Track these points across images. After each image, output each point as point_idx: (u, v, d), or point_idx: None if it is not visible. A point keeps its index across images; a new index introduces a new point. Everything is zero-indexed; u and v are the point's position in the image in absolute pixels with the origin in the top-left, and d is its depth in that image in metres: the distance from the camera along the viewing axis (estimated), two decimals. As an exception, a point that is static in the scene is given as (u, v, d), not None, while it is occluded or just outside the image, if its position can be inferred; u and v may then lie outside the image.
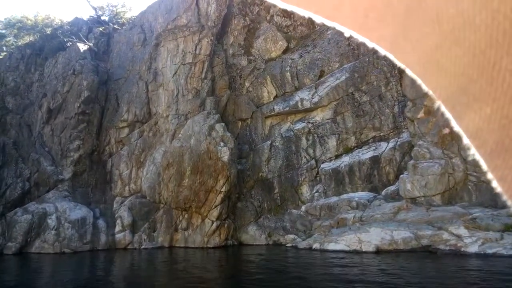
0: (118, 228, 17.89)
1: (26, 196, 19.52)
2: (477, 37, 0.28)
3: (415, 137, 15.82)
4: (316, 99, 19.01)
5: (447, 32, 0.31)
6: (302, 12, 0.36)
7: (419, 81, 0.37)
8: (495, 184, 0.32)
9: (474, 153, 0.34)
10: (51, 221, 17.59)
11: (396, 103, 17.78)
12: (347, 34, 0.38)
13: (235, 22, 22.87)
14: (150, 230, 17.92)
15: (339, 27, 0.36)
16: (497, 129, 0.31)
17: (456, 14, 0.29)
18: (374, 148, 17.33)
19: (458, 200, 14.30)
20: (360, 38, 0.37)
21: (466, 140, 0.34)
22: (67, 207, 18.10)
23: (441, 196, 14.55)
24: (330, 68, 19.71)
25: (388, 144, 17.18)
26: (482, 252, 11.46)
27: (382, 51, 0.37)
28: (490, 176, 0.32)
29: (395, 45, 0.36)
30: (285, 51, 21.68)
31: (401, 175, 15.53)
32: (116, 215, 18.30)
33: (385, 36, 0.35)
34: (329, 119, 18.68)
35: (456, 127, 0.35)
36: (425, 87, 0.36)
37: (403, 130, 17.17)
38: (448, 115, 0.36)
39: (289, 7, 0.36)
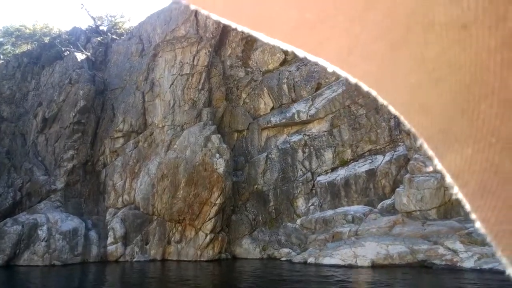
0: (110, 240, 17.58)
1: (17, 206, 19.20)
2: (458, 77, 0.29)
3: (411, 151, 15.80)
4: (312, 111, 19.03)
5: (430, 71, 0.31)
6: (286, 46, 0.37)
7: (401, 118, 0.36)
8: (478, 224, 0.33)
9: (456, 192, 0.34)
10: (42, 232, 17.26)
11: (392, 116, 17.80)
12: (330, 70, 0.37)
13: (233, 34, 23.03)
14: (142, 243, 17.62)
15: (322, 62, 0.36)
16: (478, 171, 0.31)
17: (441, 53, 0.29)
18: (370, 161, 17.28)
19: (454, 215, 14.21)
20: (343, 74, 0.36)
21: (448, 179, 0.34)
22: (59, 218, 17.81)
23: (436, 210, 14.47)
24: (327, 80, 19.80)
25: (384, 157, 17.14)
26: (478, 268, 11.35)
27: (365, 87, 0.36)
28: (473, 216, 0.34)
29: (378, 82, 0.35)
30: (283, 63, 21.79)
31: (397, 189, 15.45)
32: (108, 227, 18.01)
33: (369, 72, 0.35)
34: (325, 131, 18.66)
35: (439, 166, 0.35)
36: (407, 125, 0.36)
37: (399, 144, 17.16)
38: (430, 153, 0.36)
39: (273, 41, 0.37)
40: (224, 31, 22.74)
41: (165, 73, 21.30)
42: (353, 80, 0.36)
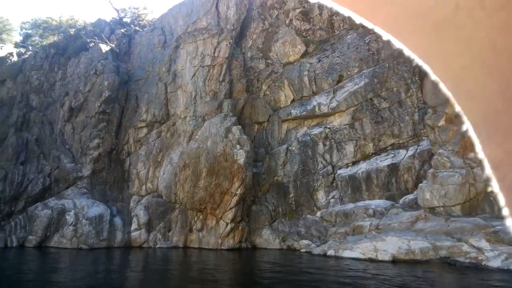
0: (134, 226, 18.14)
1: (46, 191, 20.03)
2: (506, 68, 0.28)
3: (435, 145, 15.49)
4: (334, 104, 18.86)
5: (476, 55, 0.30)
6: (342, 10, 0.37)
7: (452, 99, 0.37)
8: (509, 221, 0.32)
9: (494, 184, 0.34)
10: (70, 217, 17.99)
11: (416, 110, 17.47)
12: (385, 38, 0.39)
13: (254, 25, 22.97)
14: (165, 230, 18.10)
15: (378, 30, 0.37)
16: None
17: (486, 42, 0.29)
18: (393, 155, 17.04)
19: (479, 212, 13.90)
20: (397, 44, 0.37)
21: (488, 170, 0.34)
22: (85, 204, 18.48)
23: (461, 207, 14.18)
24: (349, 73, 19.54)
25: (407, 151, 16.87)
26: (505, 268, 11.07)
27: (418, 60, 0.37)
28: (505, 212, 0.33)
29: (429, 57, 0.36)
30: (304, 55, 21.61)
31: (420, 184, 15.22)
32: (132, 214, 18.57)
33: (419, 46, 0.35)
34: (346, 124, 18.49)
35: (480, 154, 0.35)
36: (457, 107, 0.36)
37: (423, 138, 16.84)
38: (474, 139, 0.35)
39: (331, 4, 0.37)
40: (245, 23, 22.71)
41: (187, 65, 21.53)
42: (406, 52, 0.38)
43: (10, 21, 33.20)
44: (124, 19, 28.54)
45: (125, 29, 26.60)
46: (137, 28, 26.83)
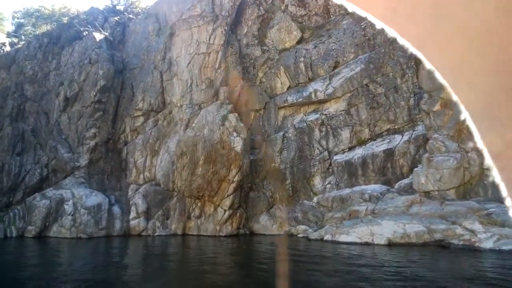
0: (132, 215, 18.29)
1: (44, 182, 20.07)
2: (504, 57, 0.27)
3: (431, 130, 15.58)
4: (330, 90, 18.86)
5: (473, 47, 0.29)
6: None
7: (448, 88, 0.37)
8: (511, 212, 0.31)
9: (495, 175, 0.34)
10: (68, 207, 18.08)
11: (411, 95, 17.50)
12: (378, 27, 0.39)
13: (249, 11, 22.72)
14: (163, 218, 18.26)
15: (371, 18, 0.37)
16: None
17: (483, 31, 0.28)
18: (388, 140, 17.16)
19: (473, 195, 14.10)
20: (391, 32, 0.38)
21: (488, 160, 0.34)
22: (83, 193, 18.55)
23: (455, 191, 14.37)
24: (345, 59, 19.47)
25: (402, 137, 16.98)
26: (497, 249, 11.30)
27: (412, 49, 0.37)
28: (508, 202, 0.31)
29: (423, 45, 0.36)
30: (299, 42, 21.48)
31: (415, 169, 15.37)
32: (130, 202, 18.69)
33: (414, 34, 0.35)
34: (343, 110, 18.53)
35: (480, 144, 0.35)
36: (454, 96, 0.36)
37: (418, 123, 16.93)
38: (473, 129, 0.36)
39: None
40: (240, 9, 22.45)
41: (182, 52, 21.35)
42: (400, 40, 0.38)
43: (2, 10, 32.67)
44: (118, 7, 28.12)
45: (118, 17, 26.24)
46: (131, 15, 26.47)
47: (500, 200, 13.86)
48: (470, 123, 0.35)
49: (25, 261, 12.19)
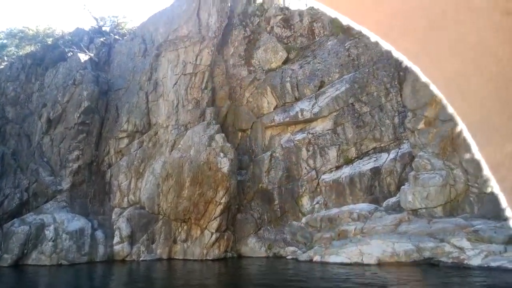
0: (116, 239, 17.69)
1: (24, 206, 19.35)
2: (499, 69, 0.28)
3: (416, 148, 15.77)
4: (316, 109, 19.01)
5: (468, 59, 0.30)
6: (332, 12, 0.37)
7: (444, 100, 0.36)
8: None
9: (494, 185, 0.34)
10: (49, 232, 17.39)
11: (396, 114, 17.78)
12: (373, 39, 0.38)
13: (236, 33, 23.03)
14: (148, 242, 17.71)
15: (367, 32, 0.37)
16: None
17: (477, 43, 0.29)
18: (375, 159, 17.26)
19: (460, 212, 14.18)
20: (386, 46, 0.37)
21: (486, 171, 0.34)
22: (65, 218, 17.93)
23: (442, 208, 14.45)
24: (330, 78, 19.76)
25: (388, 155, 17.12)
26: (485, 265, 11.31)
27: (407, 62, 0.36)
28: (508, 212, 0.33)
29: (418, 58, 0.35)
30: (285, 62, 21.77)
31: (402, 187, 15.43)
32: (114, 227, 18.11)
33: (409, 47, 0.35)
34: (329, 129, 18.65)
35: (477, 155, 0.35)
36: (450, 108, 0.35)
37: (404, 141, 17.13)
38: (470, 141, 0.35)
39: (320, 6, 0.37)
40: (227, 30, 22.74)
41: (168, 73, 21.34)
42: (395, 53, 0.36)
43: (-16, 31, 32.25)
44: (103, 28, 28.14)
45: (104, 38, 26.20)
46: (116, 36, 26.47)
47: (486, 216, 13.96)
48: (467, 135, 0.34)
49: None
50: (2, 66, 26.23)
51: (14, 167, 20.57)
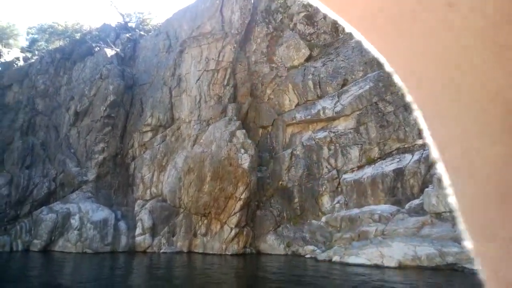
0: (138, 231, 18.14)
1: (51, 195, 20.12)
2: (446, 53, 0.29)
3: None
4: (338, 108, 18.78)
5: (427, 53, 0.31)
6: (314, 2, 0.38)
7: (404, 89, 0.38)
8: (452, 199, 0.35)
9: (439, 166, 0.36)
10: (74, 221, 18.03)
11: (421, 114, 17.34)
12: (347, 29, 0.39)
13: (258, 29, 23.00)
14: (169, 234, 18.06)
15: (343, 24, 0.37)
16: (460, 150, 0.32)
17: (427, 35, 0.30)
18: (398, 160, 16.91)
19: (487, 217, 13.73)
20: (360, 37, 0.38)
21: (434, 153, 0.36)
22: (90, 208, 18.52)
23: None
24: (353, 76, 19.46)
25: (413, 156, 16.73)
26: (513, 274, 10.91)
27: (375, 53, 0.37)
28: (449, 191, 0.35)
29: (384, 51, 0.37)
30: (308, 59, 21.58)
31: (426, 189, 15.06)
32: (137, 218, 18.57)
33: (377, 39, 0.37)
34: (351, 129, 18.39)
35: (428, 139, 0.36)
36: (409, 96, 0.37)
37: (429, 142, 16.68)
38: (422, 126, 0.36)
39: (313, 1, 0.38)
40: (249, 27, 22.74)
41: (192, 69, 21.58)
42: (366, 43, 0.37)
43: (17, 26, 33.61)
44: (129, 24, 28.73)
45: (130, 33, 26.76)
46: (142, 32, 26.99)
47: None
48: (421, 121, 0.36)
49: (29, 275, 12.08)
50: (33, 60, 27.23)
51: (43, 157, 21.40)
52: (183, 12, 23.58)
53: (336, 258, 14.23)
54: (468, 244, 0.34)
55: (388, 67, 0.38)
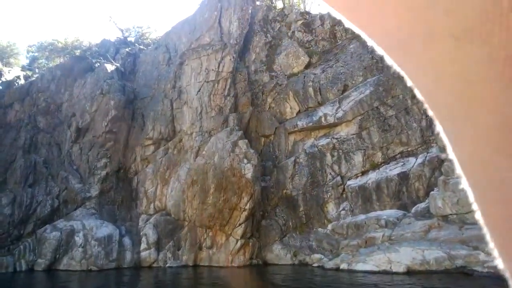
0: (143, 246, 17.98)
1: (55, 213, 20.03)
2: (472, 58, 0.28)
3: (445, 152, 15.22)
4: (340, 114, 18.76)
5: (434, 70, 0.32)
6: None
7: (426, 106, 0.37)
8: (478, 215, 0.35)
9: (463, 182, 0.35)
10: (79, 239, 17.91)
11: (423, 117, 17.27)
12: (334, 15, 0.38)
13: (257, 39, 23.14)
14: (175, 248, 17.90)
15: (329, 10, 0.36)
16: (478, 169, 0.33)
17: (438, 57, 0.30)
18: (402, 163, 16.80)
19: (495, 219, 13.55)
20: (355, 29, 0.37)
21: (458, 170, 0.35)
22: (94, 224, 18.41)
23: (475, 214, 13.84)
24: (353, 82, 19.48)
25: (416, 159, 16.62)
26: (526, 276, 10.71)
27: (399, 70, 0.37)
28: (474, 206, 0.35)
29: (405, 66, 0.36)
30: (307, 66, 21.65)
31: (431, 192, 14.92)
32: (141, 233, 18.43)
33: (400, 57, 0.35)
34: (354, 134, 18.33)
35: (451, 155, 0.35)
36: (430, 112, 0.36)
37: (432, 145, 16.60)
38: (445, 142, 0.35)
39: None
40: (248, 37, 22.88)
41: (192, 81, 21.66)
42: (365, 37, 0.36)
43: (17, 45, 33.96)
44: (129, 39, 28.98)
45: (129, 48, 26.98)
46: (141, 46, 27.21)
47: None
48: (443, 137, 0.35)
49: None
50: (33, 78, 27.42)
51: (46, 174, 21.36)
52: (181, 25, 23.78)
53: (343, 266, 14.05)
54: (499, 264, 0.34)
55: (408, 82, 0.37)
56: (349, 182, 17.55)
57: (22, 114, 24.25)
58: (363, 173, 17.59)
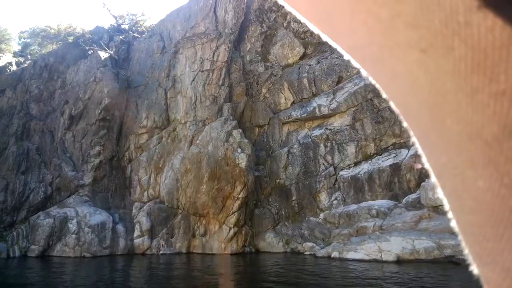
0: (136, 233, 18.08)
1: (48, 200, 20.00)
2: (442, 66, 0.29)
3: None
4: (334, 105, 18.86)
5: (405, 81, 0.32)
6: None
7: (400, 116, 0.37)
8: (454, 223, 0.35)
9: (439, 191, 0.35)
10: (72, 226, 17.94)
11: (416, 109, 17.45)
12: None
13: (252, 29, 23.03)
14: (168, 236, 18.03)
15: (309, 25, 0.36)
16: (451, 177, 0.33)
17: (406, 71, 0.30)
18: (395, 155, 17.01)
19: (483, 209, 13.84)
20: (326, 39, 0.37)
21: (433, 179, 0.35)
22: (87, 212, 18.43)
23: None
24: (348, 73, 19.54)
25: (408, 151, 16.83)
26: None
27: (372, 80, 0.36)
28: (450, 215, 0.35)
29: (378, 77, 0.36)
30: (302, 57, 21.64)
31: (423, 183, 15.16)
32: (135, 220, 18.52)
33: (374, 68, 0.35)
34: (347, 125, 18.47)
35: (426, 165, 0.36)
36: (404, 123, 0.37)
37: (424, 137, 16.80)
38: (420, 152, 0.36)
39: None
40: (243, 26, 22.76)
41: (186, 70, 21.55)
42: (363, 72, 0.36)
43: (9, 30, 33.34)
44: (122, 26, 28.61)
45: (123, 35, 26.67)
46: (135, 34, 26.90)
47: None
48: (418, 147, 0.36)
49: (27, 282, 11.99)
50: (26, 65, 27.04)
51: (39, 162, 21.26)
52: (176, 13, 23.55)
53: (335, 254, 14.29)
54: (474, 269, 0.34)
55: (383, 95, 0.38)
56: (341, 173, 17.74)
57: (15, 101, 23.99)
58: (356, 164, 17.79)
